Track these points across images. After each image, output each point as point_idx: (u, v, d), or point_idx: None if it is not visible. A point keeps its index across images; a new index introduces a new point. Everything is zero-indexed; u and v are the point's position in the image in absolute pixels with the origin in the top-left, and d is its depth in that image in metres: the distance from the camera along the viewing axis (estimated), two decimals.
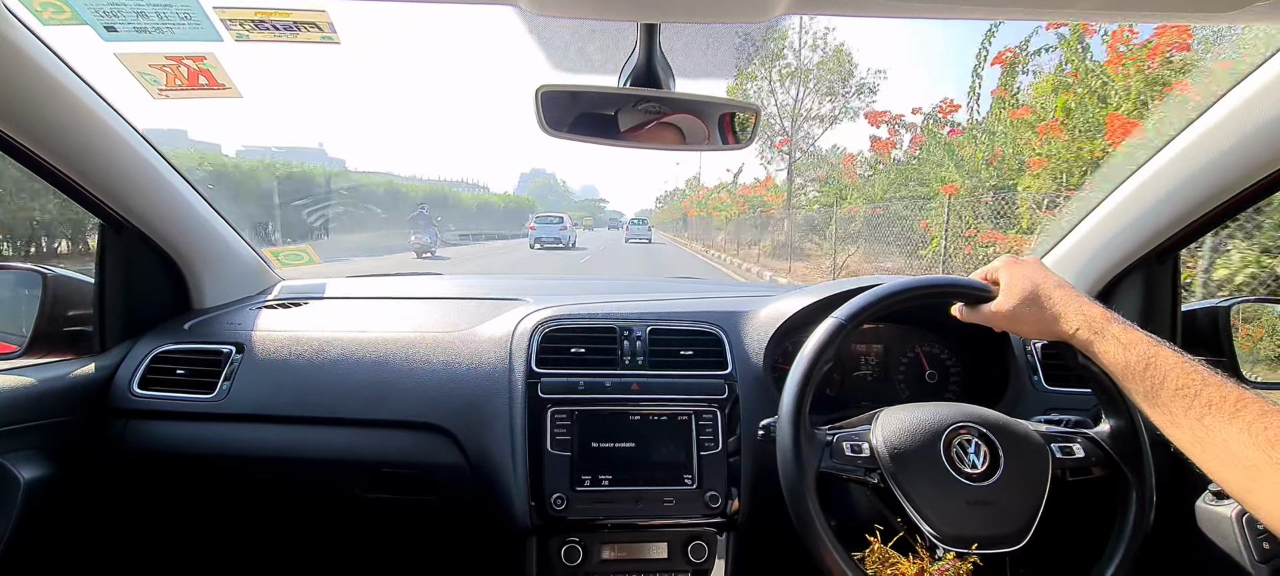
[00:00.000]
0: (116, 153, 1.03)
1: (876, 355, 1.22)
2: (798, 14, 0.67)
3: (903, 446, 0.78)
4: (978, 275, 0.85)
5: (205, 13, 0.83)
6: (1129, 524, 0.78)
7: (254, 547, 1.31)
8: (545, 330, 1.09)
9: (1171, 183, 1.01)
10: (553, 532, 1.01)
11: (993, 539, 0.74)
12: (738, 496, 1.00)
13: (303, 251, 1.72)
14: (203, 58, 0.93)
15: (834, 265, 10.73)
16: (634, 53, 0.78)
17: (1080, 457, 0.80)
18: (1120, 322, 0.71)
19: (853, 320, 0.83)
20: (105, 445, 1.08)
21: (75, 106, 0.94)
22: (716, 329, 1.11)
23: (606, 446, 1.00)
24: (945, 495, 0.76)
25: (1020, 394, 1.09)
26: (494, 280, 1.57)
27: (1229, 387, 0.61)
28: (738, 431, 1.02)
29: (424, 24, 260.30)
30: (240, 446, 1.08)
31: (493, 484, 1.01)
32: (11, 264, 1.18)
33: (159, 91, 0.96)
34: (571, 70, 0.85)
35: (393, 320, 1.24)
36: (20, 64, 0.84)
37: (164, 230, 1.18)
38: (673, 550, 1.03)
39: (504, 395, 1.04)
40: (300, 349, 1.12)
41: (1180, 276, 1.17)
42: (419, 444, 1.07)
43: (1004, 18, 0.68)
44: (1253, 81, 0.87)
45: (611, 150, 0.80)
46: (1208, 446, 0.61)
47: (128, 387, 1.09)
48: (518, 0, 0.62)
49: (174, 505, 1.20)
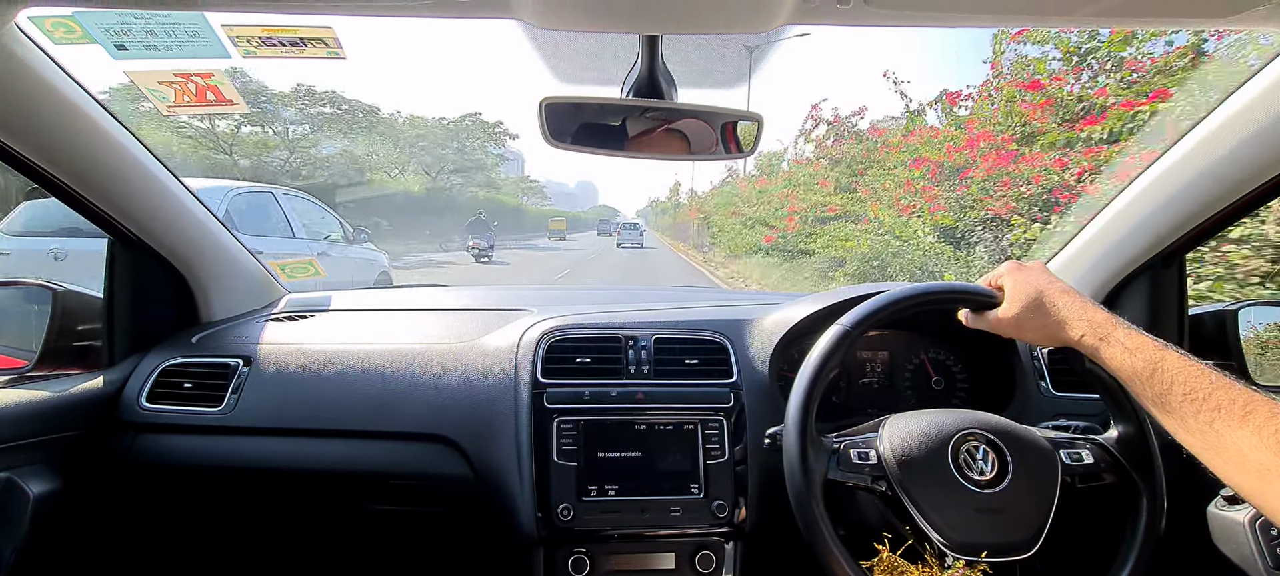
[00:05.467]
0: (125, 168, 1.04)
1: (882, 362, 1.22)
2: (798, 24, 0.68)
3: (910, 454, 0.78)
4: (983, 281, 0.85)
5: (213, 31, 0.85)
6: (1140, 531, 0.77)
7: (262, 560, 1.31)
8: (550, 340, 1.09)
9: (1176, 186, 1.01)
10: (560, 543, 1.00)
11: (1002, 546, 0.74)
12: (745, 505, 0.99)
13: (309, 264, 1.73)
14: (210, 74, 0.95)
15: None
16: (636, 64, 0.79)
17: (1089, 464, 0.80)
18: (1125, 327, 0.71)
19: (858, 327, 0.82)
20: (114, 458, 1.09)
21: (85, 124, 0.95)
22: (721, 337, 1.11)
23: (613, 456, 1.00)
24: (954, 503, 0.75)
25: (1027, 400, 1.08)
26: (498, 291, 1.58)
27: (1238, 390, 0.61)
28: (744, 440, 1.02)
29: (429, 38, 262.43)
30: (248, 459, 1.08)
31: (499, 494, 1.01)
32: (22, 280, 1.19)
33: (168, 108, 0.98)
34: (574, 82, 0.86)
35: (398, 332, 1.25)
36: (31, 82, 0.85)
37: (171, 244, 1.18)
38: (680, 560, 1.02)
39: (510, 406, 1.04)
40: (307, 361, 1.13)
41: (1186, 280, 1.17)
42: (425, 455, 1.07)
43: (1003, 26, 0.69)
44: (1256, 84, 0.87)
45: (608, 160, 0.80)
46: (1219, 450, 0.61)
47: (136, 401, 1.10)
48: (521, 14, 0.63)
49: (182, 518, 1.21)
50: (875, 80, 10.47)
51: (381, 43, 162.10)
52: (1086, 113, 5.28)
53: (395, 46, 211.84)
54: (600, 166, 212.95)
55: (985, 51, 6.70)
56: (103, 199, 1.05)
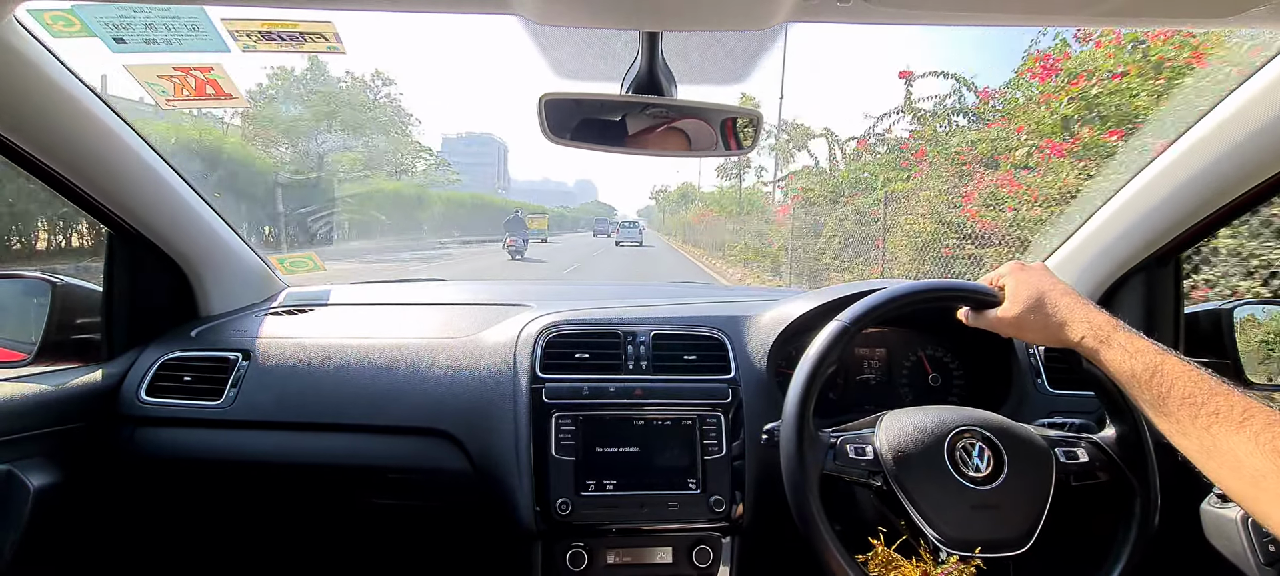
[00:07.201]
0: (124, 161, 1.04)
1: (880, 359, 1.22)
2: (799, 21, 0.68)
3: (906, 449, 0.78)
4: (984, 280, 0.85)
5: (213, 25, 0.85)
6: (1133, 528, 0.78)
7: (261, 553, 1.32)
8: (549, 335, 1.10)
9: (1173, 185, 1.02)
10: (558, 537, 1.01)
11: (996, 542, 0.74)
12: (742, 500, 1.00)
13: (308, 258, 1.73)
14: (210, 68, 0.94)
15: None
16: (636, 61, 0.79)
17: (1084, 462, 0.81)
18: (1126, 330, 0.71)
19: (857, 324, 0.83)
20: (113, 452, 1.09)
21: (83, 116, 0.95)
22: (720, 333, 1.12)
23: (611, 451, 1.01)
24: (949, 498, 0.76)
25: (1023, 397, 1.09)
26: (498, 286, 1.58)
27: (1236, 396, 0.62)
28: (742, 435, 1.03)
29: (429, 33, 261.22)
30: (247, 452, 1.09)
31: (498, 488, 1.02)
32: (21, 272, 1.19)
33: (166, 101, 0.98)
34: (574, 78, 0.86)
35: (397, 326, 1.25)
36: (30, 75, 0.85)
37: (171, 238, 1.19)
38: (678, 554, 1.03)
39: (509, 400, 1.04)
40: (306, 355, 1.13)
41: (1182, 279, 1.17)
42: (424, 449, 1.07)
43: (1003, 25, 0.69)
44: (1253, 84, 0.88)
45: (605, 159, 0.80)
46: (1215, 455, 0.61)
47: (135, 394, 1.10)
48: (522, 10, 0.63)
49: (181, 511, 1.21)
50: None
51: (379, 38, 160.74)
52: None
53: (392, 42, 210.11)
54: (600, 167, 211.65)
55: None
56: (101, 193, 1.05)
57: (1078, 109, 5.73)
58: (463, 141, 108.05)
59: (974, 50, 65.56)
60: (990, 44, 70.12)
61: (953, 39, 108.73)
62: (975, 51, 17.29)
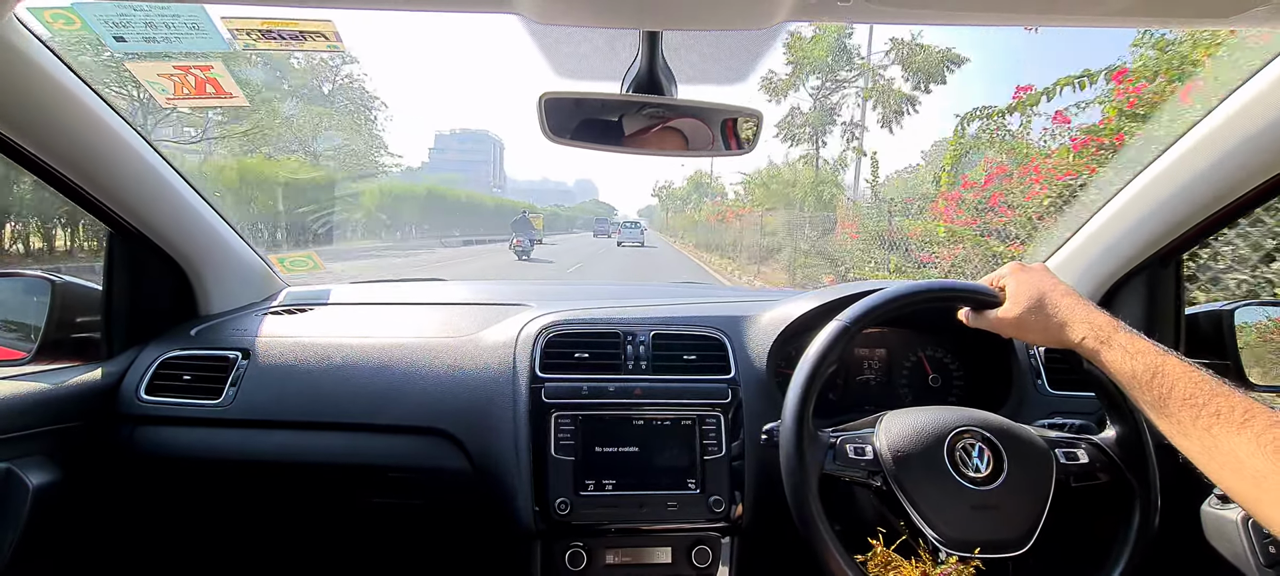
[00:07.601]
0: (124, 160, 1.04)
1: (880, 359, 1.22)
2: (800, 21, 0.68)
3: (906, 449, 0.78)
4: (985, 281, 0.85)
5: (213, 23, 0.85)
6: (1133, 529, 0.78)
7: (261, 552, 1.32)
8: (549, 335, 1.10)
9: (1174, 186, 1.01)
10: (557, 537, 1.01)
11: (996, 543, 0.74)
12: (741, 500, 1.00)
13: (308, 258, 1.73)
14: (210, 67, 0.94)
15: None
16: (636, 60, 0.79)
17: (1084, 463, 0.80)
18: (1127, 331, 0.71)
19: (857, 324, 0.83)
20: (113, 450, 1.09)
21: (83, 114, 0.95)
22: (719, 333, 1.12)
23: (610, 451, 1.01)
24: (948, 499, 0.76)
25: (1023, 398, 1.09)
26: (497, 285, 1.58)
27: (1237, 397, 0.61)
28: (741, 436, 1.02)
29: (428, 31, 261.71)
30: (247, 451, 1.09)
31: (497, 488, 1.02)
32: (21, 271, 1.19)
33: (166, 99, 0.97)
34: (574, 77, 0.86)
35: (397, 326, 1.25)
36: (29, 73, 0.85)
37: (171, 237, 1.18)
38: (677, 555, 1.03)
39: (508, 400, 1.04)
40: (306, 355, 1.13)
41: (1183, 279, 1.17)
42: (424, 448, 1.07)
43: (1005, 24, 0.69)
44: (1254, 84, 0.87)
45: (606, 159, 0.80)
46: (1216, 455, 0.61)
47: (135, 393, 1.10)
48: (522, 9, 0.63)
49: (181, 510, 1.21)
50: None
51: (379, 36, 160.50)
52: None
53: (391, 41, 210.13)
54: (601, 166, 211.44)
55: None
56: (101, 191, 1.05)
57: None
58: (456, 138, 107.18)
59: (974, 50, 65.00)
60: (991, 44, 69.90)
61: (953, 39, 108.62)
62: (975, 51, 17.19)
